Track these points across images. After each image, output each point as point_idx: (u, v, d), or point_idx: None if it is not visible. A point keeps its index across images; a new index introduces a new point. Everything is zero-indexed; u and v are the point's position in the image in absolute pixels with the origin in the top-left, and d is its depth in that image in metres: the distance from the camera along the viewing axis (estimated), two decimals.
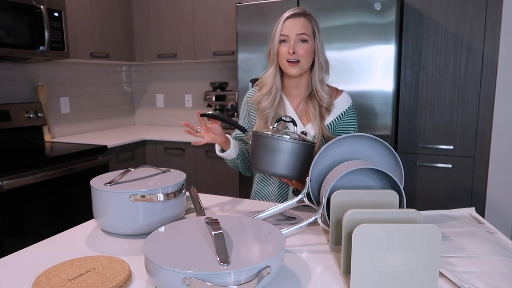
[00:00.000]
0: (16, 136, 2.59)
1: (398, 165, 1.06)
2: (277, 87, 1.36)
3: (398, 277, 0.75)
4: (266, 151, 1.15)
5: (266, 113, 1.37)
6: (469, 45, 2.20)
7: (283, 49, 1.30)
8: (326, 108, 1.35)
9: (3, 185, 1.95)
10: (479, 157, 2.25)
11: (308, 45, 1.29)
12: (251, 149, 1.21)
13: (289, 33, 1.28)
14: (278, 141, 1.13)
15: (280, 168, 1.15)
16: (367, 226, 0.75)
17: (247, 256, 0.77)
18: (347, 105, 1.39)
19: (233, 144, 1.33)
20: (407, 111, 2.38)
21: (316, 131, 1.34)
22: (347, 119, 1.39)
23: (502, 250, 0.92)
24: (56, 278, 0.80)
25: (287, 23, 1.29)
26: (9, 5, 2.19)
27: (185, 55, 3.13)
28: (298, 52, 1.28)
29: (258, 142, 1.17)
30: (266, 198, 1.45)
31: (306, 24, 1.29)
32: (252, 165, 1.20)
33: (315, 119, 1.35)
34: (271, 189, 1.43)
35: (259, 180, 1.47)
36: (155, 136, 3.02)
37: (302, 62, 1.29)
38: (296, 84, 1.37)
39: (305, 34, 1.28)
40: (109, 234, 1.09)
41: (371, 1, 2.13)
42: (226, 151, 1.33)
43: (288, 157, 1.13)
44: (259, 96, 1.39)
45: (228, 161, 1.42)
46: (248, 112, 1.46)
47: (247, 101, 1.47)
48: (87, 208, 1.30)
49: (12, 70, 2.63)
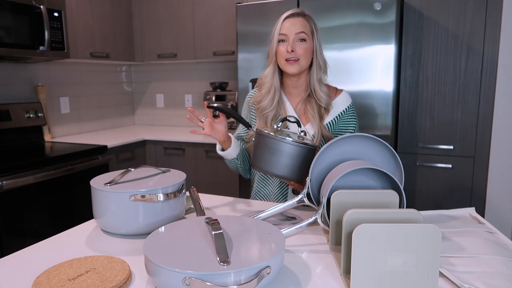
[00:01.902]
0: (16, 136, 2.59)
1: (398, 165, 1.06)
2: (275, 87, 1.37)
3: (398, 277, 0.75)
4: (267, 151, 1.15)
5: (266, 112, 1.37)
6: (469, 45, 2.20)
7: (282, 48, 1.31)
8: (325, 108, 1.36)
9: (3, 185, 1.95)
10: (479, 157, 2.25)
11: (307, 44, 1.30)
12: (253, 147, 1.21)
13: (288, 32, 1.29)
14: (280, 142, 1.13)
15: (280, 169, 1.15)
16: (367, 226, 0.75)
17: (247, 256, 0.77)
18: (346, 104, 1.40)
19: (234, 143, 1.34)
20: (407, 111, 2.38)
21: (315, 131, 1.35)
22: (347, 118, 1.40)
23: (502, 250, 0.92)
24: (56, 278, 0.80)
25: (286, 22, 1.31)
26: (9, 5, 2.19)
27: (185, 55, 3.13)
28: (297, 51, 1.29)
29: (260, 141, 1.18)
30: (266, 198, 1.45)
31: (305, 24, 1.31)
32: (253, 164, 1.21)
33: (314, 119, 1.35)
34: (271, 189, 1.43)
35: (259, 179, 1.47)
36: (155, 136, 3.02)
37: (300, 61, 1.30)
38: (295, 84, 1.38)
39: (304, 33, 1.29)
40: (109, 234, 1.09)
41: (371, 1, 2.13)
42: (226, 150, 1.33)
43: (288, 159, 1.13)
44: (259, 96, 1.40)
45: (228, 162, 1.42)
46: (249, 111, 1.47)
47: (248, 101, 1.48)
48: (87, 208, 1.30)
49: (12, 70, 2.63)
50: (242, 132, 1.49)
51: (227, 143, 1.32)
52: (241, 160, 1.40)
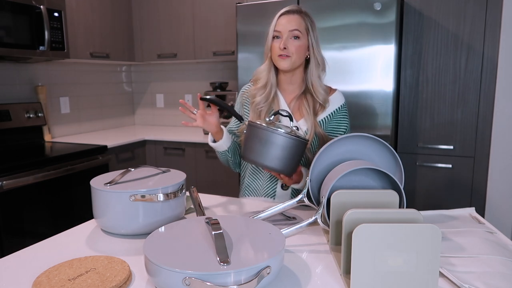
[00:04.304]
0: (16, 136, 2.59)
1: (398, 165, 1.06)
2: (272, 83, 1.38)
3: (398, 277, 0.75)
4: (259, 142, 1.14)
5: (260, 107, 1.39)
6: (469, 45, 2.20)
7: (275, 44, 1.33)
8: (321, 105, 1.37)
9: (3, 185, 1.95)
10: (479, 157, 2.25)
11: (300, 42, 1.31)
12: (244, 139, 1.21)
13: (282, 29, 1.31)
14: (271, 133, 1.13)
15: (270, 161, 1.14)
16: (367, 226, 0.75)
17: (247, 256, 0.77)
18: (339, 103, 1.41)
19: (225, 135, 1.35)
20: (407, 111, 2.37)
21: (308, 126, 1.36)
22: (339, 117, 1.41)
23: (502, 250, 0.92)
24: (56, 278, 0.80)
25: (281, 19, 1.32)
26: (9, 5, 2.19)
27: (185, 55, 3.13)
28: (289, 48, 1.30)
29: (252, 132, 1.17)
30: (255, 192, 1.45)
31: (300, 21, 1.32)
32: (244, 155, 1.20)
33: (308, 115, 1.36)
34: (260, 183, 1.44)
35: (250, 173, 1.47)
36: (155, 136, 3.02)
37: (292, 57, 1.31)
38: (289, 80, 1.39)
39: (298, 30, 1.30)
40: (109, 234, 1.09)
41: (371, 1, 2.13)
42: (218, 141, 1.35)
43: (279, 150, 1.13)
44: (254, 90, 1.41)
45: (219, 154, 1.43)
46: (242, 105, 1.48)
47: (242, 94, 1.49)
48: (87, 208, 1.31)
49: (12, 70, 2.63)
50: (234, 126, 1.50)
51: (219, 134, 1.34)
52: (232, 153, 1.42)
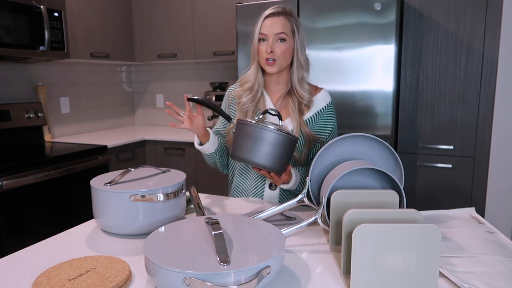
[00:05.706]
0: (16, 136, 2.59)
1: (398, 165, 1.06)
2: (259, 84, 1.38)
3: (398, 277, 0.75)
4: (249, 139, 1.14)
5: (246, 107, 1.39)
6: (469, 45, 2.20)
7: (262, 47, 1.32)
8: (306, 105, 1.37)
9: (3, 185, 1.95)
10: (479, 157, 2.25)
11: (286, 45, 1.31)
12: (234, 137, 1.20)
13: (268, 32, 1.30)
14: (262, 130, 1.12)
15: (260, 158, 1.13)
16: (367, 226, 0.75)
17: (247, 256, 0.76)
18: (325, 102, 1.41)
19: (212, 138, 1.34)
20: (407, 111, 2.37)
21: (294, 125, 1.36)
22: (326, 116, 1.41)
23: (502, 250, 0.92)
24: (56, 278, 0.80)
25: (267, 21, 1.31)
26: (9, 5, 2.19)
27: (185, 55, 3.13)
28: (276, 52, 1.30)
29: (241, 130, 1.16)
30: (244, 193, 1.45)
31: (285, 23, 1.31)
32: (233, 154, 1.18)
33: (294, 114, 1.36)
34: (249, 183, 1.43)
35: (238, 173, 1.47)
36: (155, 136, 3.02)
37: (279, 61, 1.31)
38: (276, 81, 1.40)
39: (284, 33, 1.30)
40: (109, 234, 1.09)
41: (371, 1, 2.13)
42: (204, 144, 1.34)
43: (270, 147, 1.12)
44: (240, 91, 1.41)
45: (206, 157, 1.42)
46: (229, 106, 1.48)
47: (228, 95, 1.49)
48: (87, 208, 1.30)
49: (12, 70, 2.63)
50: (221, 126, 1.49)
51: (206, 137, 1.33)
52: (219, 154, 1.41)
